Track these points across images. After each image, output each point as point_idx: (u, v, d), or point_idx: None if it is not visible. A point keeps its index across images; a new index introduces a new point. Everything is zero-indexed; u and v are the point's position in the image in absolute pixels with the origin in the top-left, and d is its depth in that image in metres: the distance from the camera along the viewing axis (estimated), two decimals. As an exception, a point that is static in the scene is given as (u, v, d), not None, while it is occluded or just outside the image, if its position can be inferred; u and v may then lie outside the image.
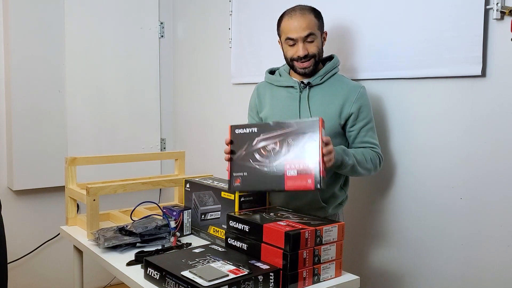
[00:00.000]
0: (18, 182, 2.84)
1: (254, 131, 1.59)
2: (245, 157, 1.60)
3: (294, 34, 1.71)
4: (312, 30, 1.71)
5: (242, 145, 1.62)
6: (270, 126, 1.58)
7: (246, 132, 1.61)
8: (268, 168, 1.55)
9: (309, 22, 1.70)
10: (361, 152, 1.71)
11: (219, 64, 2.95)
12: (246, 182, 1.58)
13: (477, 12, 1.63)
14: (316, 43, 1.73)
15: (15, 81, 2.79)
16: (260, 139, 1.58)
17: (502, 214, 1.64)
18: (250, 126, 1.61)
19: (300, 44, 1.71)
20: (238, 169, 1.60)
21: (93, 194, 1.80)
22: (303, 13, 1.71)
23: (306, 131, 1.50)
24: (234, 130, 1.64)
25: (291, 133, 1.53)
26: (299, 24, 1.70)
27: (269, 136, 1.57)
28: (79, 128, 3.02)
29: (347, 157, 1.61)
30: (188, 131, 3.29)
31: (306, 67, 1.74)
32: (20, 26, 2.79)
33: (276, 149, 1.54)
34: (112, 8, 3.10)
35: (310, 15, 1.71)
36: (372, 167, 1.73)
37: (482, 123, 1.68)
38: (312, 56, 1.73)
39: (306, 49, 1.71)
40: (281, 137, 1.55)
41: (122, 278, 1.50)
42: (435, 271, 1.84)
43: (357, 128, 1.75)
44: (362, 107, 1.74)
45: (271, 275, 1.30)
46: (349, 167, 1.63)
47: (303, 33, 1.70)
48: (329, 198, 1.77)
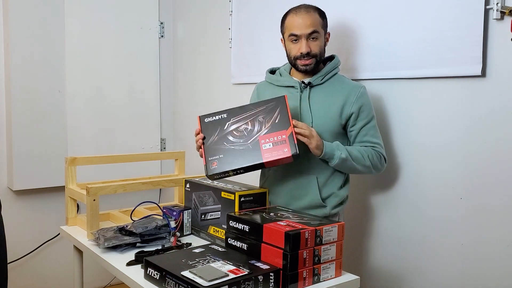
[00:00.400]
0: (18, 182, 2.83)
1: (224, 116, 1.65)
2: (218, 141, 1.63)
3: (298, 31, 1.72)
4: (316, 28, 1.73)
5: (213, 131, 1.65)
6: (238, 109, 1.65)
7: (216, 119, 1.65)
8: (243, 147, 1.60)
9: (313, 20, 1.72)
10: (357, 149, 1.72)
11: (219, 64, 2.95)
12: (223, 163, 1.60)
13: (477, 12, 1.63)
14: (319, 42, 1.74)
15: (15, 81, 2.79)
16: (230, 122, 1.64)
17: (502, 214, 1.64)
18: (219, 113, 1.66)
19: (303, 41, 1.72)
20: (213, 153, 1.62)
21: (93, 194, 1.80)
22: (308, 11, 1.73)
23: (274, 108, 1.61)
24: (203, 120, 1.67)
25: (261, 111, 1.63)
26: (303, 21, 1.71)
27: (240, 118, 1.64)
28: (79, 128, 3.02)
29: (339, 150, 1.66)
30: (188, 131, 3.29)
31: (307, 65, 1.75)
32: (20, 26, 2.79)
33: (249, 128, 1.62)
34: (112, 8, 3.10)
35: (315, 14, 1.74)
36: (371, 164, 1.73)
37: (482, 123, 1.68)
38: (314, 55, 1.74)
39: (309, 46, 1.73)
40: (252, 117, 1.63)
41: (122, 278, 1.50)
42: (435, 271, 1.84)
43: (358, 128, 1.75)
44: (363, 107, 1.75)
45: (271, 275, 1.30)
46: (341, 160, 1.66)
47: (307, 30, 1.71)
48: (329, 198, 1.77)
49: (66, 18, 2.93)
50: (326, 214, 1.76)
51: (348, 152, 1.68)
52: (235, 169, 1.60)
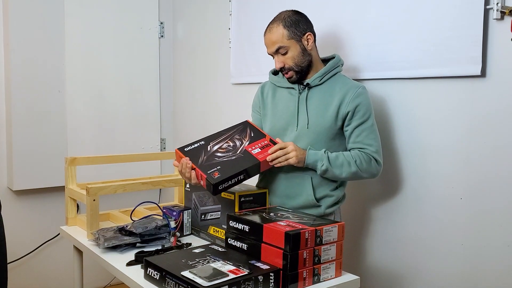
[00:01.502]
0: (18, 182, 2.84)
1: (202, 143, 1.73)
2: (208, 159, 1.66)
3: (268, 50, 1.79)
4: (280, 44, 1.73)
5: (199, 155, 1.68)
6: (213, 136, 1.75)
7: (195, 146, 1.72)
8: (235, 156, 1.67)
9: (276, 36, 1.73)
10: (344, 156, 1.70)
11: (218, 64, 2.95)
12: (223, 171, 1.60)
13: (477, 12, 1.63)
14: (290, 54, 1.74)
15: (15, 81, 2.79)
16: (211, 145, 1.72)
17: (502, 214, 1.64)
18: (195, 142, 1.73)
19: (275, 58, 1.77)
20: (210, 167, 1.62)
21: (93, 194, 1.80)
22: (270, 28, 1.76)
23: (244, 129, 1.79)
24: (183, 150, 1.71)
25: (234, 133, 1.77)
26: (268, 41, 1.77)
27: (218, 141, 1.74)
28: (79, 128, 3.02)
29: (321, 161, 1.68)
30: (188, 131, 3.29)
31: (289, 77, 1.78)
32: (20, 26, 2.79)
33: (231, 144, 1.72)
34: (112, 8, 3.10)
35: (278, 28, 1.73)
36: (358, 170, 1.70)
37: (482, 123, 1.68)
38: (289, 68, 1.75)
39: (281, 61, 1.75)
40: (228, 138, 1.75)
41: (122, 278, 1.50)
42: (435, 271, 1.84)
43: (352, 127, 1.73)
44: (359, 106, 1.72)
45: (271, 275, 1.30)
46: (322, 171, 1.69)
47: (272, 49, 1.76)
48: (323, 198, 1.77)
49: (66, 18, 2.93)
50: (321, 213, 1.75)
51: (330, 163, 1.68)
52: (238, 172, 1.60)
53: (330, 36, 2.12)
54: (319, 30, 1.86)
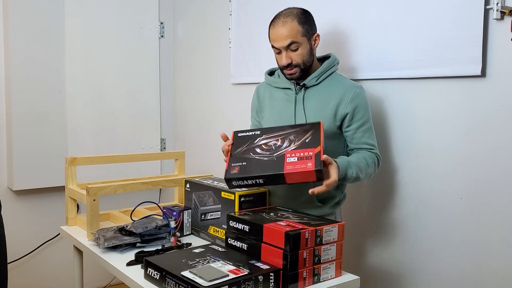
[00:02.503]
0: (18, 182, 2.84)
1: (257, 133, 1.65)
2: (245, 152, 1.61)
3: (276, 44, 1.70)
4: (294, 39, 1.67)
5: (243, 144, 1.63)
6: (273, 128, 1.65)
7: (249, 134, 1.65)
8: (268, 158, 1.56)
9: (290, 30, 1.66)
10: (362, 158, 1.68)
11: (218, 64, 2.95)
12: (244, 169, 1.55)
13: (477, 12, 1.63)
14: (301, 51, 1.69)
15: (15, 81, 2.79)
16: (262, 138, 1.63)
17: (502, 214, 1.64)
18: (253, 130, 1.66)
19: (283, 53, 1.70)
20: (237, 161, 1.59)
21: (93, 194, 1.80)
22: (284, 22, 1.67)
23: (308, 130, 1.59)
24: (236, 134, 1.67)
25: (294, 132, 1.61)
26: (280, 34, 1.67)
27: (272, 135, 1.63)
28: (79, 128, 3.02)
29: (350, 169, 1.61)
30: (188, 131, 3.29)
31: (292, 74, 1.73)
32: (20, 26, 2.79)
33: (278, 144, 1.60)
34: (112, 8, 3.10)
35: (293, 23, 1.67)
36: (373, 171, 1.73)
37: (482, 123, 1.68)
38: (296, 65, 1.71)
39: (290, 57, 1.69)
40: (283, 135, 1.61)
41: (122, 278, 1.50)
42: (435, 271, 1.84)
43: (354, 129, 1.73)
44: (358, 107, 1.72)
45: (271, 275, 1.30)
46: (353, 179, 1.63)
47: (284, 43, 1.67)
48: (325, 198, 1.77)
49: (66, 18, 2.93)
50: (322, 214, 1.75)
51: (357, 167, 1.63)
52: (254, 176, 1.53)
53: (330, 36, 2.12)
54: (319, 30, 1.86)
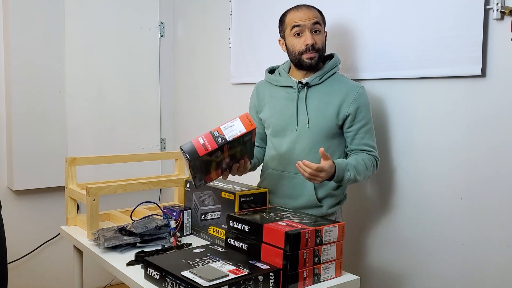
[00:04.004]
0: (18, 182, 2.83)
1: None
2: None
3: (301, 22, 1.73)
4: (319, 20, 1.75)
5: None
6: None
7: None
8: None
9: (315, 13, 1.76)
10: (361, 160, 1.70)
11: (218, 64, 2.95)
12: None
13: (477, 12, 1.63)
14: (321, 37, 1.76)
15: (15, 81, 2.79)
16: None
17: (502, 214, 1.64)
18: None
19: (307, 33, 1.73)
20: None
21: (93, 194, 1.80)
22: (308, 7, 1.77)
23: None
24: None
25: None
26: (306, 14, 1.74)
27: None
28: (79, 128, 3.02)
29: (348, 172, 1.62)
30: (188, 131, 3.29)
31: (312, 58, 1.74)
32: (20, 26, 2.79)
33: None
34: (112, 8, 3.10)
35: (315, 10, 1.77)
36: (371, 173, 1.74)
37: (482, 123, 1.68)
38: (318, 49, 1.74)
39: (313, 38, 1.73)
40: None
41: (122, 278, 1.50)
42: (435, 271, 1.84)
43: (355, 129, 1.74)
44: (360, 108, 1.73)
45: (271, 275, 1.30)
46: (350, 181, 1.65)
47: (311, 21, 1.73)
48: (325, 198, 1.77)
49: (66, 18, 2.93)
50: (323, 213, 1.75)
51: (355, 169, 1.64)
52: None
53: (330, 36, 2.11)
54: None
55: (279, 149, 1.81)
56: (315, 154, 1.72)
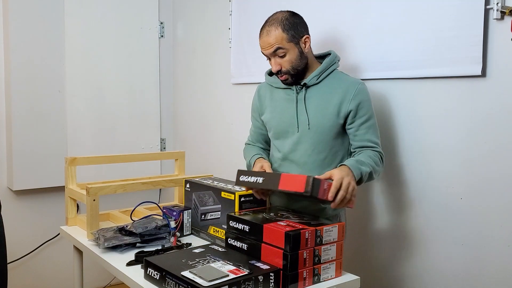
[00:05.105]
0: (18, 182, 2.83)
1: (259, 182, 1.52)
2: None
3: (264, 51, 1.72)
4: (280, 45, 1.66)
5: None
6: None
7: (251, 180, 1.53)
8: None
9: (274, 38, 1.67)
10: (368, 156, 1.65)
11: (219, 64, 2.95)
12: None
13: (477, 12, 1.63)
14: (289, 57, 1.68)
15: (15, 81, 2.79)
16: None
17: (502, 214, 1.64)
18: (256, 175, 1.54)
19: (272, 60, 1.71)
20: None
21: (93, 194, 1.80)
22: (268, 31, 1.69)
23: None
24: (239, 177, 1.57)
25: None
26: (264, 43, 1.70)
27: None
28: (79, 128, 3.02)
29: (364, 166, 1.58)
30: (188, 131, 3.29)
31: (284, 80, 1.73)
32: (20, 26, 2.79)
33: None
34: (112, 8, 3.10)
35: (276, 31, 1.67)
36: (380, 170, 1.70)
37: (482, 123, 1.68)
38: (285, 72, 1.70)
39: (279, 64, 1.69)
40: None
41: (122, 278, 1.50)
42: (435, 271, 1.84)
43: (357, 125, 1.71)
44: (361, 104, 1.70)
45: (271, 275, 1.30)
46: (368, 174, 1.60)
47: (270, 50, 1.69)
48: None
49: (66, 18, 2.93)
50: (327, 215, 1.75)
51: (369, 164, 1.61)
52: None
53: (330, 36, 2.12)
54: (319, 30, 1.86)
55: (282, 151, 1.80)
56: (317, 155, 1.71)
